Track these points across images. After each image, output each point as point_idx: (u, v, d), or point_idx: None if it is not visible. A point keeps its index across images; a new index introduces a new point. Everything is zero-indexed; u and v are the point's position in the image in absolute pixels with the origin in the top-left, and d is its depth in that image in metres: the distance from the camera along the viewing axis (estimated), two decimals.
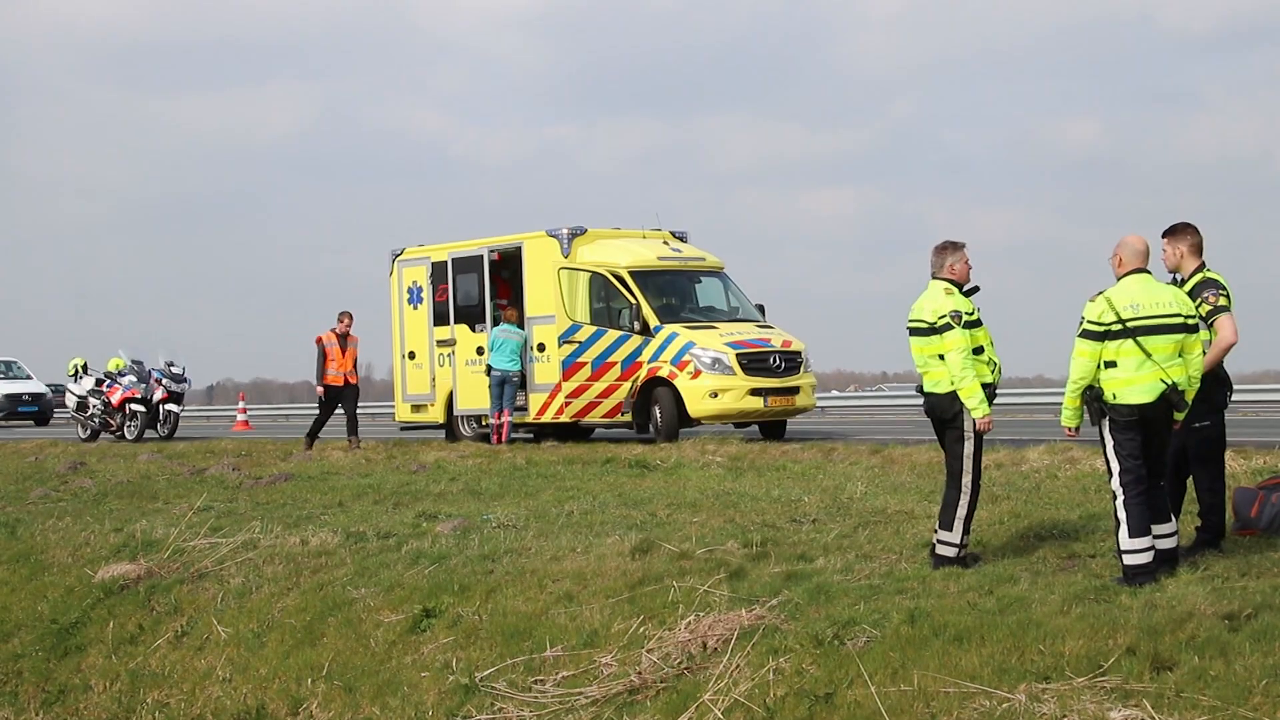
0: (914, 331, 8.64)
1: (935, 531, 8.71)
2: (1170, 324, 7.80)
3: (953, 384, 8.47)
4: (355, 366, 20.55)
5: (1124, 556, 7.77)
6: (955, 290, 8.57)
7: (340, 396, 20.30)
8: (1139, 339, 7.77)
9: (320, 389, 20.20)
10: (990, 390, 8.54)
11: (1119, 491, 7.86)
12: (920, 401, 8.99)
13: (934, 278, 8.71)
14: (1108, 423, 7.90)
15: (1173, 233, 8.66)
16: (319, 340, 20.14)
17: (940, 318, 8.47)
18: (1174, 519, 8.17)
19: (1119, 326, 7.79)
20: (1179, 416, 7.97)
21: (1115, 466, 7.89)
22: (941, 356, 8.49)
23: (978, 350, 8.51)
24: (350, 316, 20.38)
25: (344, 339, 20.19)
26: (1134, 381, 7.79)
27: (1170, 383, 7.79)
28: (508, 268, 20.73)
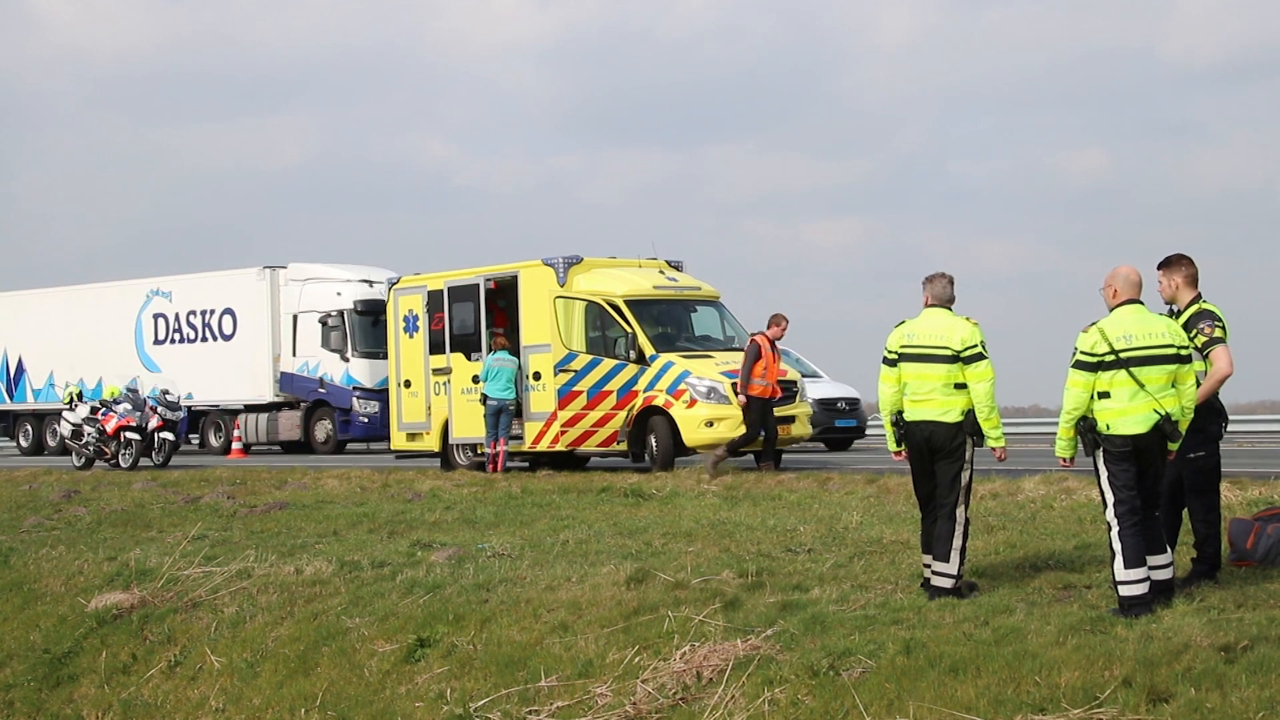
0: (931, 358, 8.50)
1: (928, 564, 8.68)
2: (1163, 354, 7.80)
3: (963, 414, 8.45)
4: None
5: (1119, 587, 7.76)
6: None
7: (767, 409, 17.55)
8: (1132, 370, 7.77)
9: (743, 398, 17.41)
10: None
11: (1114, 522, 7.85)
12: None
13: (941, 306, 8.69)
14: (1102, 453, 7.90)
15: (1168, 264, 8.69)
16: (753, 340, 17.62)
17: (970, 347, 8.45)
18: (1170, 550, 8.15)
19: (1112, 357, 7.79)
20: (1173, 447, 7.97)
21: (1110, 497, 7.89)
22: (958, 385, 8.47)
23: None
24: (786, 320, 17.90)
25: (774, 345, 17.73)
26: (1127, 412, 7.79)
27: (1164, 413, 7.79)
28: (504, 296, 20.76)
